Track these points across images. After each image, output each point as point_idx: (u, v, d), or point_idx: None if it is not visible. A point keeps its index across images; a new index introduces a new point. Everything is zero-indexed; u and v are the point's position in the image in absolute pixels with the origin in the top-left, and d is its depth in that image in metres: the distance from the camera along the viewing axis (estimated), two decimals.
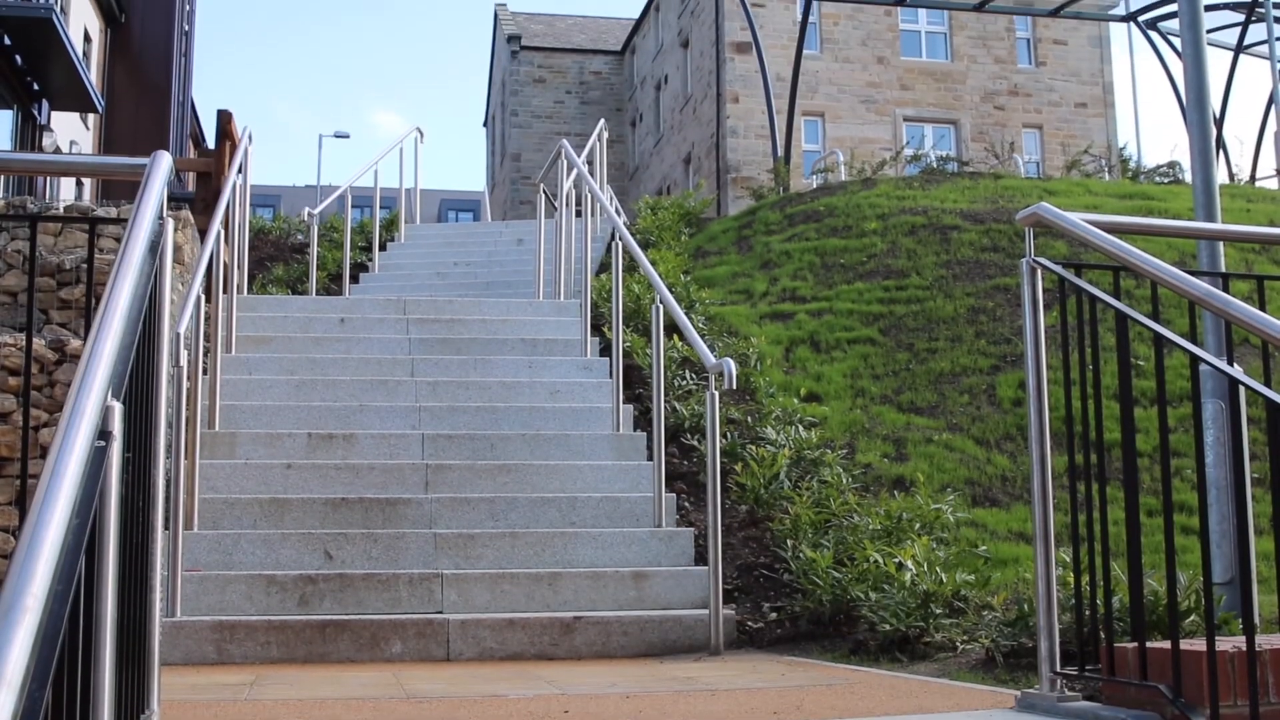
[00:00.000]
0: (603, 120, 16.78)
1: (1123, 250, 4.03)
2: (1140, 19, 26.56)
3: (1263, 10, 24.14)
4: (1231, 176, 22.93)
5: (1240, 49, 25.63)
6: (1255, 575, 5.13)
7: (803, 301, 11.45)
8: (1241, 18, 24.87)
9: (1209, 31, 25.52)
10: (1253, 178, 22.60)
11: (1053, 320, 9.05)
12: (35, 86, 18.49)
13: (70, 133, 23.82)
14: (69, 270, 8.02)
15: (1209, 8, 23.96)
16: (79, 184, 22.52)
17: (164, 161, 3.60)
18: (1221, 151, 24.72)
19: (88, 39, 25.86)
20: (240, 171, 9.00)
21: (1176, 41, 23.97)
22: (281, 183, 75.33)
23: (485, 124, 53.70)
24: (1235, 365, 4.56)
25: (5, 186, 16.25)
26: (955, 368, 9.85)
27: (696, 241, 14.51)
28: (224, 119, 10.51)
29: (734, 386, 6.27)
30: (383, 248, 14.31)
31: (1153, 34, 26.60)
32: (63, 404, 6.86)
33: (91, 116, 25.44)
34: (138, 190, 3.52)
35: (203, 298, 6.58)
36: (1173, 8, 23.71)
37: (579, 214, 11.67)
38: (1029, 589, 5.60)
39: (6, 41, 16.66)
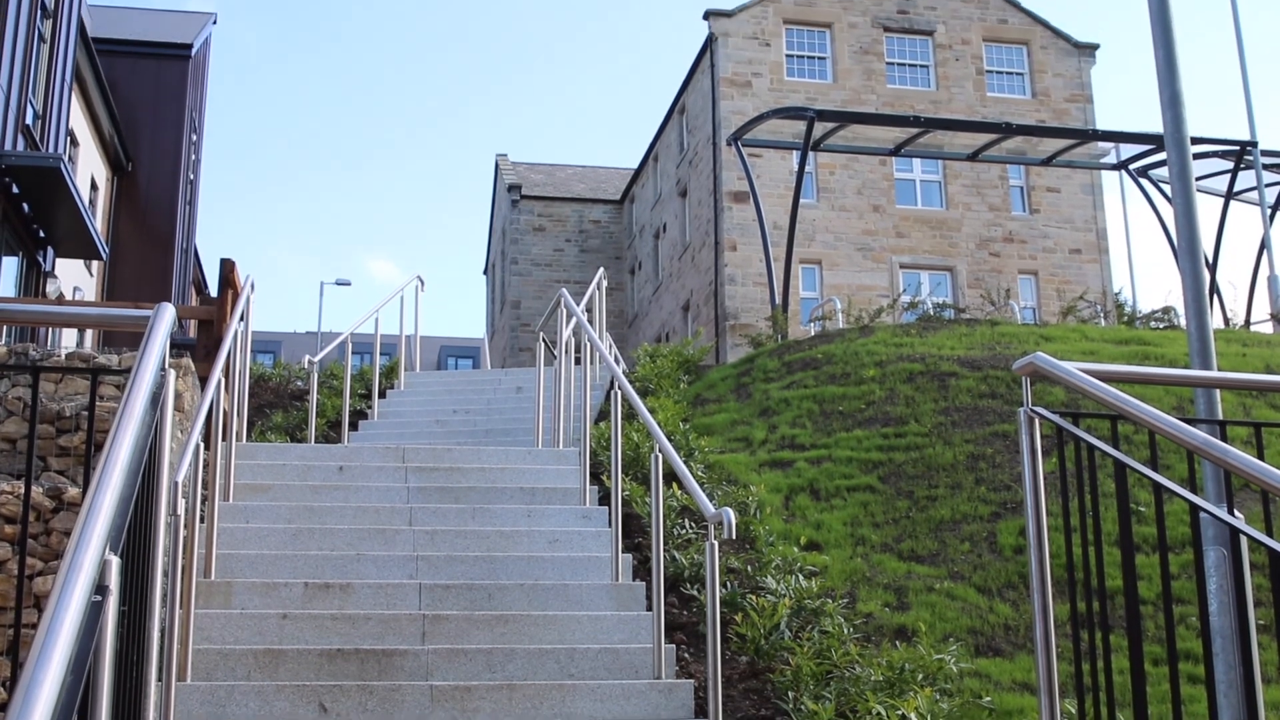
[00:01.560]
0: (602, 269, 16.93)
1: (1120, 400, 4.05)
2: (1131, 167, 27.00)
3: (1251, 158, 24.55)
4: (1226, 321, 23.08)
5: (1230, 195, 26.00)
6: None
7: (802, 449, 11.45)
8: (1230, 165, 25.28)
9: (1199, 179, 25.92)
10: (1247, 322, 22.75)
11: (1052, 466, 9.04)
12: (41, 234, 18.69)
13: (74, 278, 24.03)
14: (69, 417, 8.02)
15: (1198, 156, 24.36)
16: (80, 330, 22.67)
17: (167, 314, 3.64)
18: (1215, 297, 24.92)
19: (94, 187, 26.24)
20: (242, 319, 9.06)
21: (1167, 188, 24.33)
22: (281, 329, 75.93)
23: (485, 271, 54.24)
24: (1236, 511, 4.55)
25: (8, 332, 16.34)
26: (956, 515, 9.82)
27: (695, 389, 14.55)
28: (227, 267, 10.62)
29: (733, 536, 6.24)
30: (382, 395, 14.35)
31: (1144, 181, 27.00)
32: (59, 552, 6.82)
33: (95, 262, 25.70)
34: (141, 338, 3.56)
35: (201, 445, 6.58)
36: (1162, 156, 24.10)
37: (578, 361, 11.72)
38: None
39: (15, 190, 16.88)
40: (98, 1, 33.45)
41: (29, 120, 17.74)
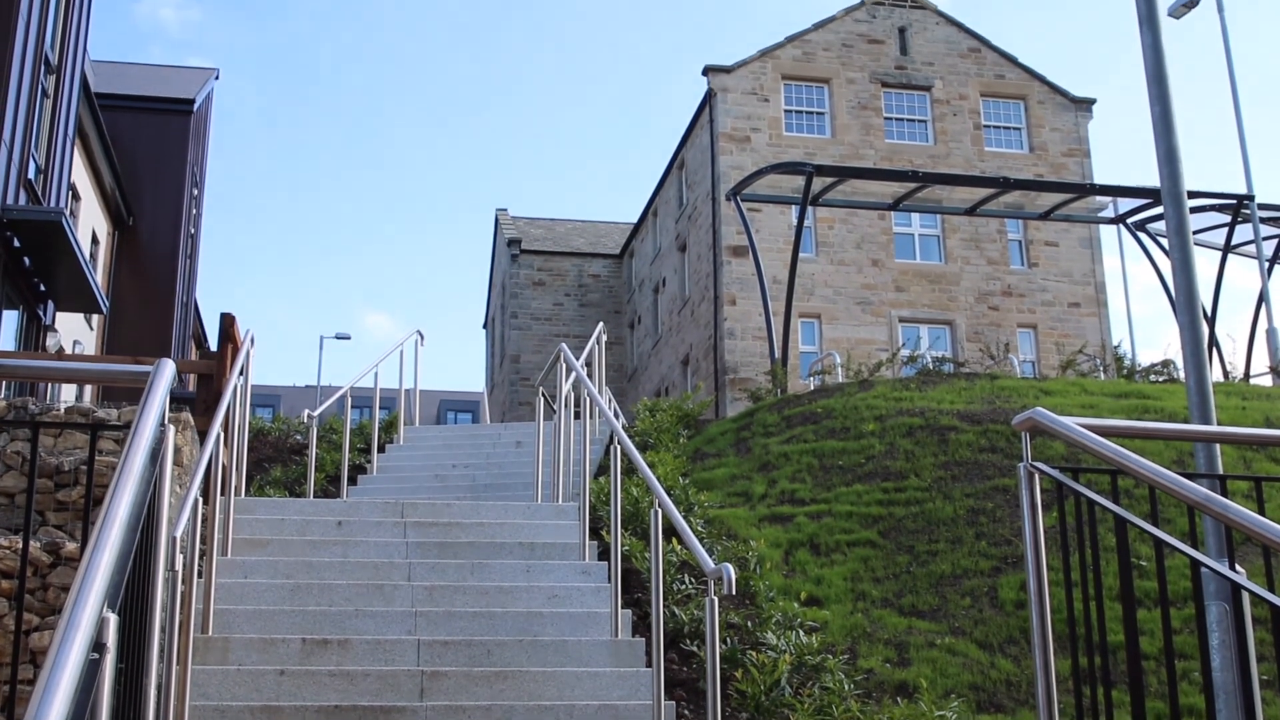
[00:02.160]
0: (601, 323, 16.96)
1: (1119, 455, 4.05)
2: (1129, 221, 27.09)
3: (1248, 211, 24.63)
4: (1226, 374, 23.07)
5: (1228, 249, 26.07)
6: None
7: (802, 504, 11.42)
8: (1228, 218, 25.36)
9: (1197, 232, 25.96)
10: (1246, 375, 22.76)
11: (1053, 520, 9.02)
12: (42, 287, 18.72)
13: (74, 332, 24.05)
14: (67, 472, 8.01)
15: (1195, 209, 24.45)
16: (80, 384, 22.65)
17: (167, 370, 3.64)
18: (1214, 350, 24.94)
19: (95, 240, 26.31)
20: (242, 374, 9.05)
21: (1165, 241, 24.36)
22: (280, 382, 75.98)
23: (485, 326, 54.34)
24: (1238, 566, 4.54)
25: (7, 385, 16.34)
26: (956, 570, 9.79)
27: (695, 443, 14.54)
28: (227, 322, 10.63)
29: (733, 591, 6.21)
30: (381, 449, 14.33)
31: (1142, 235, 27.09)
32: (55, 607, 6.79)
33: (95, 316, 25.74)
34: (141, 393, 3.56)
35: (200, 500, 6.56)
36: (1160, 210, 24.16)
37: (577, 416, 11.71)
38: None
39: (16, 244, 16.92)
40: (101, 57, 33.70)
41: (31, 174, 17.81)
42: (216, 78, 33.27)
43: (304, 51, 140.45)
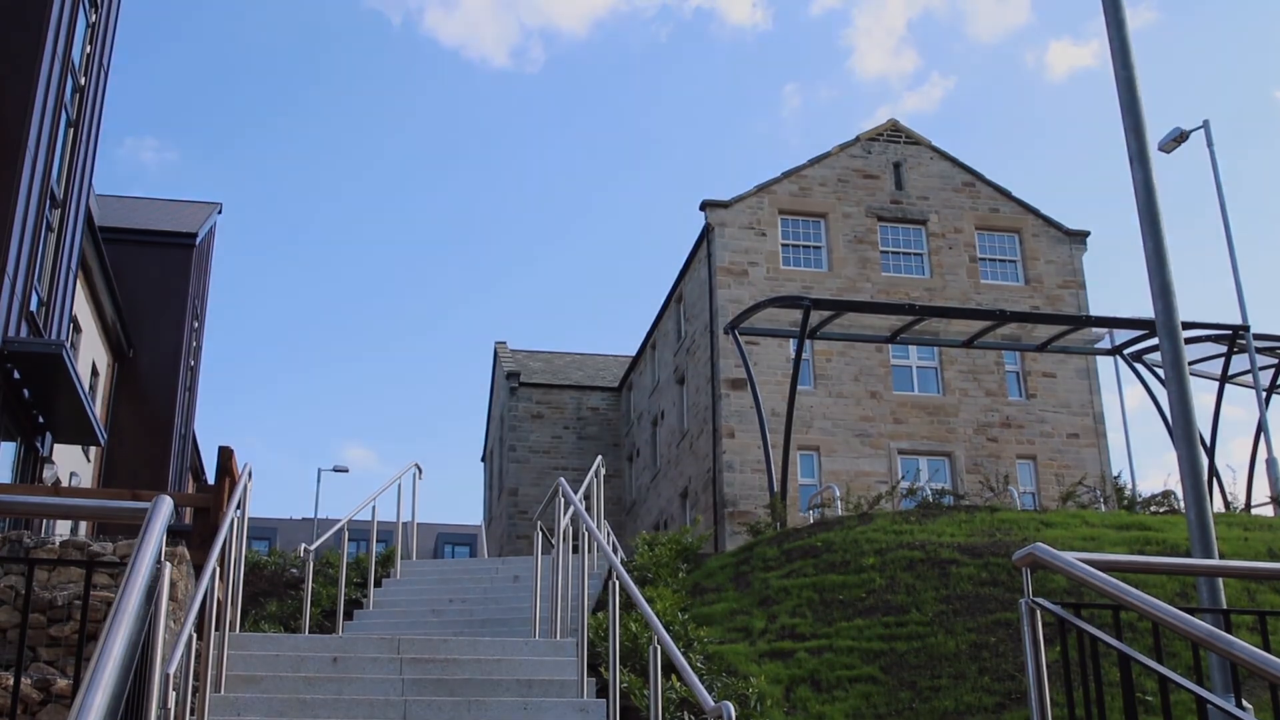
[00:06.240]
0: (600, 456, 16.92)
1: (1121, 590, 4.02)
2: (1125, 352, 27.18)
3: (1244, 342, 24.73)
4: (1227, 505, 22.97)
5: (1225, 379, 26.13)
6: None
7: (802, 639, 11.31)
8: (1224, 349, 25.44)
9: (1193, 363, 26.02)
10: (1248, 505, 22.67)
11: (1056, 655, 8.92)
12: (40, 419, 18.73)
13: (71, 463, 24.00)
14: (60, 607, 7.95)
15: (1191, 340, 24.55)
16: (76, 520, 22.52)
17: (165, 507, 3.63)
18: (1215, 480, 24.87)
19: (95, 372, 26.39)
20: (239, 508, 9.03)
21: (1162, 372, 24.37)
22: (275, 515, 75.70)
23: (484, 459, 54.22)
24: (1245, 702, 4.48)
25: (3, 519, 16.25)
26: (960, 706, 9.66)
27: (694, 578, 14.44)
28: (225, 455, 10.62)
29: None
30: (378, 583, 14.22)
31: (1139, 365, 27.17)
32: None
33: (93, 447, 25.72)
34: (138, 528, 3.55)
35: (194, 636, 6.50)
36: (1156, 341, 24.23)
37: (576, 550, 11.64)
38: None
39: (16, 376, 16.97)
40: (106, 191, 34.13)
41: (33, 307, 17.92)
42: (219, 212, 33.65)
43: (293, 186, 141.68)
